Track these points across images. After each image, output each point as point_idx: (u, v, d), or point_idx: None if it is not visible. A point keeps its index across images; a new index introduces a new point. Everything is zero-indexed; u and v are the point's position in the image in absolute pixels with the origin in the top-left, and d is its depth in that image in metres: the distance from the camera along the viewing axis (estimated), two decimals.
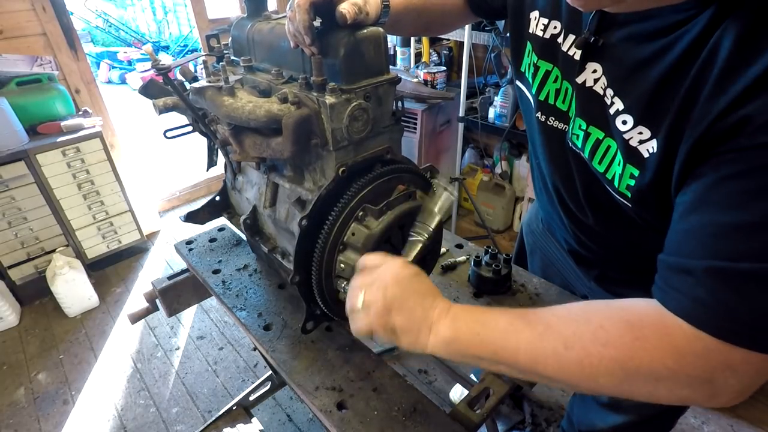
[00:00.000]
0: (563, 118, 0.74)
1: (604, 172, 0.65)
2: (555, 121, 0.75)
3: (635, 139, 0.57)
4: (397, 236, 0.75)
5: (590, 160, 0.67)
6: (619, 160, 0.61)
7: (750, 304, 0.43)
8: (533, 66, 0.76)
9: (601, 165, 0.65)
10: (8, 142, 2.13)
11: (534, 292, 0.98)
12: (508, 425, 1.74)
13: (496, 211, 2.85)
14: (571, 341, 0.50)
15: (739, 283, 0.44)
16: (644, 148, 0.56)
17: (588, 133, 0.66)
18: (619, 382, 0.48)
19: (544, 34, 0.72)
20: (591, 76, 0.63)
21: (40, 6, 2.28)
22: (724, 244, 0.45)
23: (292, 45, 0.70)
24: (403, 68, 2.88)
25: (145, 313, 1.19)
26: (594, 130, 0.65)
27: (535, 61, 0.75)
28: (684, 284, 0.47)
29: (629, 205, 0.63)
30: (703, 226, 0.47)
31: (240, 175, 0.99)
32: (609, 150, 0.63)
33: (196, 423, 1.80)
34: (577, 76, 0.66)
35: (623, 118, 0.58)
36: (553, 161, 0.79)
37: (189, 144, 1.60)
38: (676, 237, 0.51)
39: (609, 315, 0.51)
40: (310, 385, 0.80)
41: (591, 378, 0.49)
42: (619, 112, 0.59)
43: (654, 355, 0.46)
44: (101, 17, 7.74)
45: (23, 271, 2.37)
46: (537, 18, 0.74)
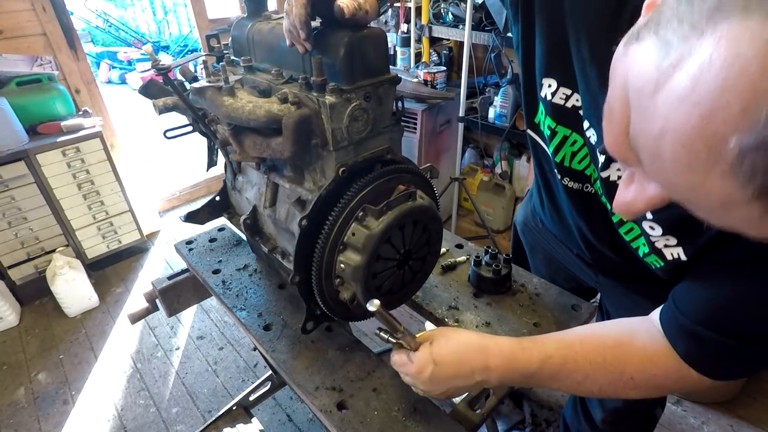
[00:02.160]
0: (580, 178, 0.74)
1: (630, 241, 0.69)
2: (570, 182, 0.76)
3: (661, 242, 0.62)
4: (397, 236, 0.75)
5: (617, 228, 0.71)
6: (644, 242, 0.65)
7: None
8: (549, 129, 0.74)
9: (627, 236, 0.70)
10: (8, 142, 2.13)
11: (534, 292, 0.98)
12: (508, 425, 1.73)
13: (496, 211, 2.85)
14: (605, 389, 0.63)
15: None
16: (669, 252, 0.62)
17: (613, 212, 0.69)
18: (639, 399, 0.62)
19: (566, 104, 0.70)
20: (616, 174, 0.65)
21: (40, 6, 2.28)
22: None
23: (288, 43, 0.69)
24: (403, 68, 2.88)
25: (145, 313, 1.19)
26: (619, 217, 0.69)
27: (553, 126, 0.73)
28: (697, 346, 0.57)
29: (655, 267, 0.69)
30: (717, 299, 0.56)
31: (240, 175, 0.99)
32: (633, 230, 0.68)
33: (196, 423, 1.80)
34: (602, 171, 0.67)
35: (651, 225, 0.62)
36: (576, 210, 0.80)
37: (189, 144, 1.61)
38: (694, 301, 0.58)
39: (639, 369, 0.61)
40: (310, 385, 0.80)
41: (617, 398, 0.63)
42: (646, 219, 0.62)
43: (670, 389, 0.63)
44: (101, 17, 7.74)
45: (23, 271, 2.37)
46: (555, 87, 0.70)
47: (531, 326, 0.88)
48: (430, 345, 0.67)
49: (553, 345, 0.64)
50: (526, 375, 0.64)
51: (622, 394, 0.63)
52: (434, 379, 0.66)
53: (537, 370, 0.63)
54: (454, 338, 0.67)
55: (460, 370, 0.65)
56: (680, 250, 0.60)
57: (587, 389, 0.63)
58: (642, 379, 0.60)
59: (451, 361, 0.65)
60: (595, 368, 0.62)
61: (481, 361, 0.64)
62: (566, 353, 0.63)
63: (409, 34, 2.82)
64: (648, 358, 0.60)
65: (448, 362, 0.65)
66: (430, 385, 0.67)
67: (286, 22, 0.66)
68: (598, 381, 0.62)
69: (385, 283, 0.78)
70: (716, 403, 1.77)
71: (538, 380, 0.64)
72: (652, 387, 0.61)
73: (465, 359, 0.65)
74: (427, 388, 0.68)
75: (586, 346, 0.63)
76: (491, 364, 0.64)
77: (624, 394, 0.63)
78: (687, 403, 1.79)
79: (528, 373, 0.63)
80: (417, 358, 0.66)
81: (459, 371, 0.65)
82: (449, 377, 0.66)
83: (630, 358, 0.61)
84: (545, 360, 0.63)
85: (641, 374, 0.60)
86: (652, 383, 0.60)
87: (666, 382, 0.60)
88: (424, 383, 0.67)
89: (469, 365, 0.65)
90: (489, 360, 0.64)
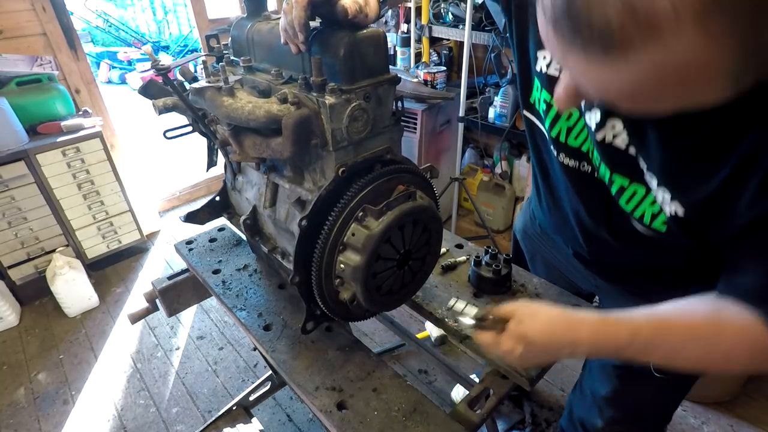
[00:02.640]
0: (576, 155, 0.74)
1: (631, 212, 0.67)
2: (567, 158, 0.76)
3: (660, 195, 0.61)
4: (397, 236, 0.75)
5: (617, 199, 0.69)
6: (653, 200, 0.63)
7: None
8: (545, 103, 0.75)
9: (628, 205, 0.67)
10: (8, 142, 2.13)
11: (534, 292, 0.98)
12: (508, 425, 1.74)
13: (496, 211, 2.85)
14: (703, 361, 0.62)
15: None
16: (666, 208, 0.61)
17: (612, 180, 0.67)
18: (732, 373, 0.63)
19: (560, 74, 0.71)
20: (610, 132, 0.65)
21: (40, 6, 2.28)
22: None
23: (282, 40, 0.69)
24: (403, 68, 2.88)
25: (145, 313, 1.19)
26: (618, 177, 0.66)
27: (548, 99, 0.74)
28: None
29: (659, 237, 0.66)
30: None
31: (240, 175, 0.99)
32: (636, 194, 0.66)
33: (196, 423, 1.80)
34: (596, 132, 0.66)
35: (648, 176, 0.61)
36: (574, 190, 0.79)
37: (189, 144, 1.61)
38: None
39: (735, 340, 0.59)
40: (310, 385, 0.80)
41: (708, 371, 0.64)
42: (644, 172, 0.62)
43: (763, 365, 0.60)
44: (101, 17, 7.74)
45: (23, 271, 2.37)
46: (549, 59, 0.72)
47: None
48: (518, 324, 0.67)
49: (643, 318, 0.62)
50: (617, 348, 0.63)
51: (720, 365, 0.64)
52: (524, 357, 0.67)
53: (627, 344, 0.62)
54: (540, 315, 0.67)
55: (550, 347, 0.66)
56: (677, 204, 0.59)
57: (681, 361, 0.62)
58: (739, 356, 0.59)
59: (540, 341, 0.65)
60: (688, 340, 0.61)
61: (570, 338, 0.65)
62: (657, 325, 0.62)
63: (409, 34, 2.82)
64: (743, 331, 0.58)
65: (538, 342, 0.65)
66: (519, 361, 0.69)
67: (283, 20, 0.66)
68: (694, 353, 0.61)
69: (385, 283, 0.78)
70: (716, 403, 1.77)
71: (630, 353, 0.63)
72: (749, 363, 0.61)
73: (554, 337, 0.65)
74: (517, 364, 0.72)
75: (676, 317, 0.62)
76: (580, 339, 0.64)
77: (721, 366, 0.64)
78: (687, 403, 1.79)
79: (619, 346, 0.63)
80: (506, 339, 0.67)
81: (549, 348, 0.66)
82: (538, 354, 0.67)
83: (725, 329, 0.59)
84: (635, 332, 0.62)
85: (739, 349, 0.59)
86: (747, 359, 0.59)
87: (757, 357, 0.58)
88: (515, 360, 0.68)
89: (558, 342, 0.65)
90: (578, 335, 0.64)
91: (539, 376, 0.80)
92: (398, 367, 2.01)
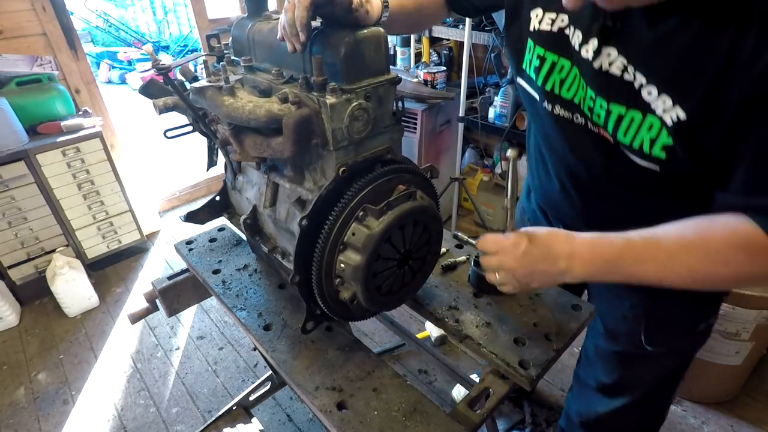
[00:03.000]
0: (569, 107, 0.77)
1: (630, 144, 0.68)
2: (561, 110, 0.78)
3: (659, 108, 0.62)
4: (397, 236, 0.75)
5: (614, 135, 0.70)
6: (651, 123, 0.64)
7: None
8: (538, 58, 0.78)
9: (626, 137, 0.68)
10: (8, 142, 2.13)
11: (534, 291, 0.98)
12: (508, 425, 1.74)
13: (496, 211, 2.85)
14: (695, 269, 0.62)
15: None
16: (668, 117, 0.61)
17: (609, 111, 0.69)
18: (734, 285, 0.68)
19: (552, 28, 0.75)
20: (606, 60, 0.67)
21: (40, 6, 2.28)
22: None
23: (279, 36, 0.70)
24: (403, 68, 2.88)
25: (145, 313, 1.19)
26: (615, 107, 0.68)
27: (541, 53, 0.77)
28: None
29: (658, 168, 0.67)
30: None
31: (240, 175, 0.99)
32: (633, 122, 0.66)
33: (196, 423, 1.80)
34: (593, 62, 0.69)
35: (648, 90, 0.63)
36: (569, 145, 0.82)
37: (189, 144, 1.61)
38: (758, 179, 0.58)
39: (725, 243, 0.60)
40: (310, 385, 0.80)
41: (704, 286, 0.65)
42: (643, 86, 0.63)
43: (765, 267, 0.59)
44: (101, 17, 7.74)
45: (23, 271, 2.37)
46: (541, 15, 0.77)
47: (531, 326, 0.88)
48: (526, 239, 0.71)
49: (634, 232, 0.65)
50: (609, 261, 0.65)
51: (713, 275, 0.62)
52: (525, 256, 0.70)
53: (620, 254, 0.64)
54: (545, 228, 0.73)
55: (549, 252, 0.70)
56: (678, 109, 0.60)
57: (675, 272, 0.62)
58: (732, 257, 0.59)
59: (542, 242, 0.70)
60: (684, 245, 0.62)
61: (568, 247, 0.68)
62: (648, 236, 0.64)
63: (409, 34, 2.82)
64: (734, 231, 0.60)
65: (540, 242, 0.70)
66: (519, 262, 0.70)
67: (283, 17, 0.67)
68: (690, 261, 0.61)
69: (386, 282, 0.78)
70: (716, 403, 1.78)
71: (623, 267, 0.64)
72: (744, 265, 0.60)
73: (555, 242, 0.70)
74: (515, 267, 0.71)
75: (667, 230, 0.63)
76: (576, 251, 0.68)
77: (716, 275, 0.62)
78: (687, 403, 1.79)
79: (612, 257, 0.65)
80: (512, 235, 0.72)
81: (548, 253, 0.69)
82: (538, 258, 0.70)
83: (713, 233, 0.61)
84: (627, 243, 0.64)
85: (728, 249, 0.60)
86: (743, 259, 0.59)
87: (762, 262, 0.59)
88: (515, 259, 0.71)
89: (557, 249, 0.69)
90: (575, 246, 0.68)
91: (539, 376, 0.80)
92: (398, 367, 2.01)
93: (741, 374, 1.73)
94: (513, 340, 0.85)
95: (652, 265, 0.64)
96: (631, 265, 0.65)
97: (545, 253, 0.70)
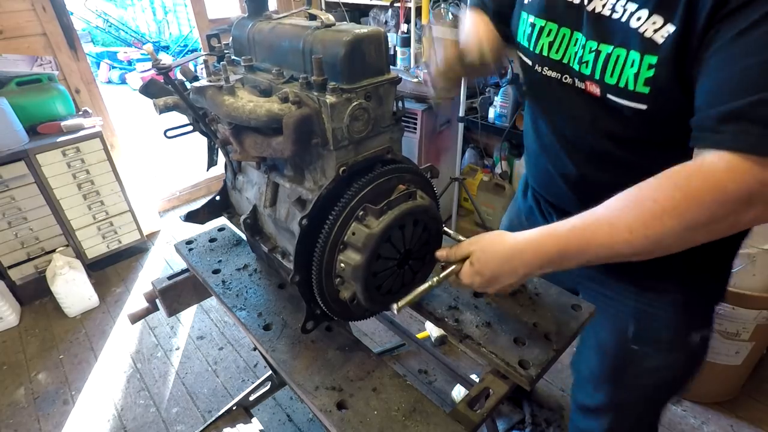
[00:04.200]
0: (558, 67, 0.82)
1: (616, 84, 0.70)
2: (549, 71, 0.84)
3: (650, 30, 0.64)
4: (397, 236, 0.75)
5: (602, 78, 0.72)
6: (633, 60, 0.67)
7: None
8: (530, 26, 0.85)
9: (612, 77, 0.70)
10: (8, 142, 2.13)
11: (534, 292, 0.98)
12: (508, 425, 1.74)
13: (496, 211, 2.85)
14: (634, 226, 0.59)
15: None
16: (659, 35, 0.63)
17: (598, 51, 0.72)
18: (683, 239, 0.57)
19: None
20: (600, 3, 0.72)
21: (40, 6, 2.28)
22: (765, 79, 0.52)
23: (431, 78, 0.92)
24: (403, 68, 2.88)
25: (145, 313, 1.19)
26: (604, 46, 0.71)
27: (532, 20, 0.84)
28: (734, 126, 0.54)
29: (645, 107, 0.68)
30: (737, 72, 0.55)
31: (240, 174, 0.99)
32: (619, 59, 0.69)
33: (196, 423, 1.80)
34: (587, 5, 0.73)
35: (638, 16, 0.65)
36: (558, 105, 0.87)
37: (189, 144, 1.61)
38: (712, 90, 0.58)
39: (657, 186, 0.58)
40: (310, 385, 0.80)
41: (659, 244, 0.59)
42: (632, 14, 0.66)
43: (705, 200, 0.54)
44: (101, 17, 7.74)
45: (23, 271, 2.37)
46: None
47: (531, 326, 0.88)
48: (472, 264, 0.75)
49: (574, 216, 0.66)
50: (559, 249, 0.66)
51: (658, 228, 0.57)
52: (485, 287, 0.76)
53: (566, 240, 0.65)
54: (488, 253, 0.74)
55: (502, 275, 0.72)
56: (669, 26, 0.62)
57: (621, 237, 0.59)
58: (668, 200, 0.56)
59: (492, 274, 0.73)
60: (619, 208, 0.61)
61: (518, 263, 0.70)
62: (586, 213, 0.64)
63: (409, 34, 2.82)
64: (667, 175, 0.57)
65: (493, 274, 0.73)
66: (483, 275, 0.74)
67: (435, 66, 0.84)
68: (626, 219, 0.59)
69: (386, 282, 0.78)
70: (716, 403, 1.78)
71: (574, 251, 0.64)
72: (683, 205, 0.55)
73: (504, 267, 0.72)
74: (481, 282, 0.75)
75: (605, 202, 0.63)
76: (526, 260, 0.69)
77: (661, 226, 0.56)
78: (687, 403, 1.79)
79: (560, 244, 0.65)
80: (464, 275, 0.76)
81: (503, 275, 0.72)
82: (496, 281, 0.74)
83: (648, 183, 0.59)
84: (569, 226, 0.65)
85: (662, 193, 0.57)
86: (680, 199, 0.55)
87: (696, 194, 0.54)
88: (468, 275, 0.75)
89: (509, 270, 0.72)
90: (524, 258, 0.70)
91: (539, 376, 0.80)
92: (398, 367, 2.01)
93: (741, 374, 1.73)
94: (513, 340, 0.85)
95: (601, 238, 0.62)
96: (582, 246, 0.64)
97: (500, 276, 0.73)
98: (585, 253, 0.64)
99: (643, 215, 0.58)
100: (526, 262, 0.69)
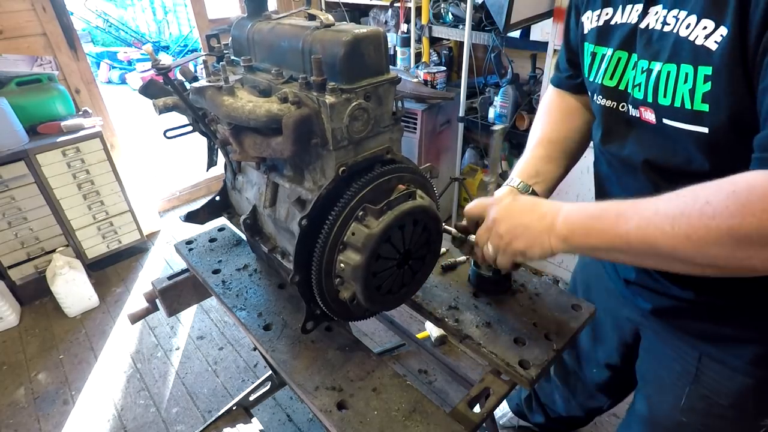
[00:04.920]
0: (612, 95, 0.78)
1: (671, 104, 0.65)
2: (604, 100, 0.80)
3: (701, 36, 0.60)
4: (397, 236, 0.75)
5: (655, 100, 0.68)
6: (686, 73, 0.62)
7: None
8: (591, 56, 0.82)
9: (666, 98, 0.66)
10: (8, 142, 2.13)
11: (534, 292, 0.98)
12: None
13: None
14: (678, 220, 0.54)
15: None
16: (711, 41, 0.59)
17: (650, 70, 0.68)
18: (731, 250, 0.51)
19: (598, 22, 0.80)
20: (653, 18, 0.69)
21: (40, 6, 2.28)
22: None
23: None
24: (403, 68, 2.88)
25: (145, 313, 1.19)
26: (655, 64, 0.67)
27: (592, 50, 0.82)
28: None
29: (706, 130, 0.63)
30: None
31: (240, 174, 0.99)
32: (670, 75, 0.65)
33: (196, 423, 1.80)
34: (639, 23, 0.71)
35: (687, 23, 0.62)
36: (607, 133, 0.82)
37: (189, 144, 1.61)
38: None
39: (716, 189, 0.53)
40: (310, 385, 0.80)
41: (701, 249, 0.53)
42: (681, 21, 0.63)
43: (756, 209, 0.48)
44: (101, 17, 7.75)
45: (23, 271, 2.37)
46: (590, 16, 0.82)
47: (531, 326, 0.88)
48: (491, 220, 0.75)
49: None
50: (593, 216, 0.63)
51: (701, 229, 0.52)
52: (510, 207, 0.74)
53: (604, 210, 0.62)
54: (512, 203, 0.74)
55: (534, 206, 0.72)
56: (721, 29, 0.57)
57: (657, 228, 0.56)
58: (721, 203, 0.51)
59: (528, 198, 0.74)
60: (666, 201, 0.57)
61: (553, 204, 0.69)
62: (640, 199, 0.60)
63: (409, 34, 2.82)
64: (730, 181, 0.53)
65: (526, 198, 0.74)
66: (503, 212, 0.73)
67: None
68: (669, 212, 0.55)
69: (385, 282, 0.78)
70: None
71: (605, 221, 0.61)
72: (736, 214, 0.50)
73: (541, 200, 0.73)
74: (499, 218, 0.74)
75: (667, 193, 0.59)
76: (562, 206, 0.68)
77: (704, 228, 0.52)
78: None
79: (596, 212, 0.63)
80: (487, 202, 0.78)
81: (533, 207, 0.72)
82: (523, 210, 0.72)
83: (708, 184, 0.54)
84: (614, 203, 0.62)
85: (718, 196, 0.52)
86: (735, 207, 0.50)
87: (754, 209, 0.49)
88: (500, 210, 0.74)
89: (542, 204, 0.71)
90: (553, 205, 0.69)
91: (539, 376, 0.80)
92: (398, 367, 2.01)
93: None
94: (513, 340, 0.85)
95: (636, 221, 0.58)
96: (612, 219, 0.61)
97: (530, 206, 0.72)
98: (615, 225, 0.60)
99: (689, 211, 0.53)
100: (554, 208, 0.68)
